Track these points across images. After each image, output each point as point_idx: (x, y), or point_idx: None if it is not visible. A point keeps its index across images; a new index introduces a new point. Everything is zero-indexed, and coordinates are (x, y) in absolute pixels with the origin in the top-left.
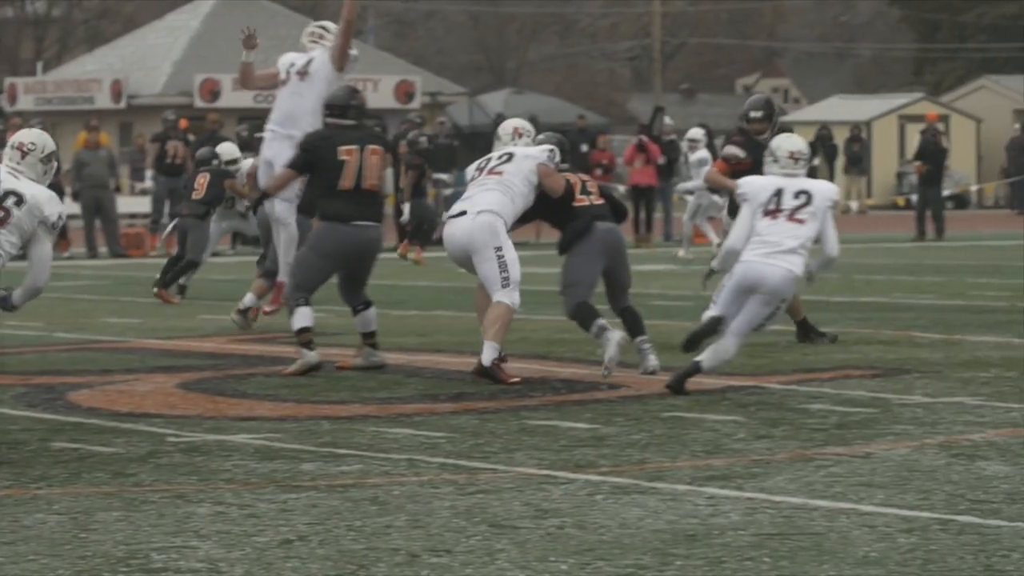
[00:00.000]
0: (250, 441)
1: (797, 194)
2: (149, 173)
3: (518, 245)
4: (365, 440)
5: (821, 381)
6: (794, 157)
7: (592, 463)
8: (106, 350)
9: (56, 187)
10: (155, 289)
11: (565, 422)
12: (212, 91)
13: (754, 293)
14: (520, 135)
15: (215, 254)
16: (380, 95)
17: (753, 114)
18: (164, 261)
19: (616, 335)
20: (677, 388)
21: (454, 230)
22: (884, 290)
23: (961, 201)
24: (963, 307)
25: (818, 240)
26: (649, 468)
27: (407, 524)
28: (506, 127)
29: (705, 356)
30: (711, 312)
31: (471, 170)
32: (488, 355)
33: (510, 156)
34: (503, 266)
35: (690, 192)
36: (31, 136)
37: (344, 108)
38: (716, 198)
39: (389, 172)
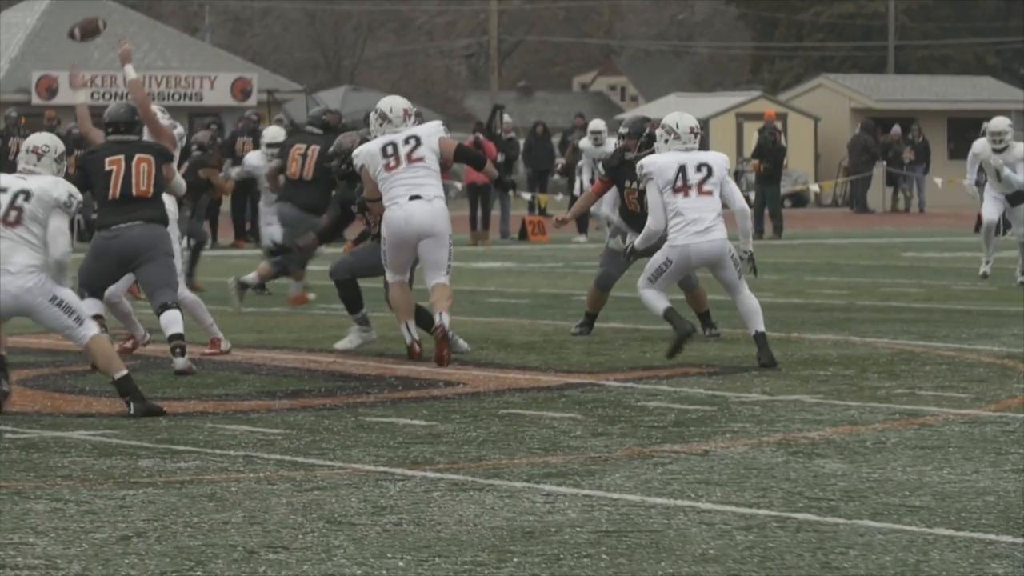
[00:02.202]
0: (88, 438)
1: (699, 167)
2: None
3: None
4: (202, 436)
5: (659, 379)
6: (694, 132)
7: (429, 460)
8: None
9: None
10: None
11: (402, 419)
12: (49, 88)
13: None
14: (410, 115)
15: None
16: (217, 92)
17: (622, 131)
18: None
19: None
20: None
21: (414, 211)
22: (722, 288)
23: (799, 199)
24: (801, 305)
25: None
26: (486, 465)
27: (244, 520)
28: (396, 108)
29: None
30: (650, 294)
31: (374, 155)
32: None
33: (417, 140)
34: (450, 253)
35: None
36: (44, 139)
37: (130, 124)
38: None
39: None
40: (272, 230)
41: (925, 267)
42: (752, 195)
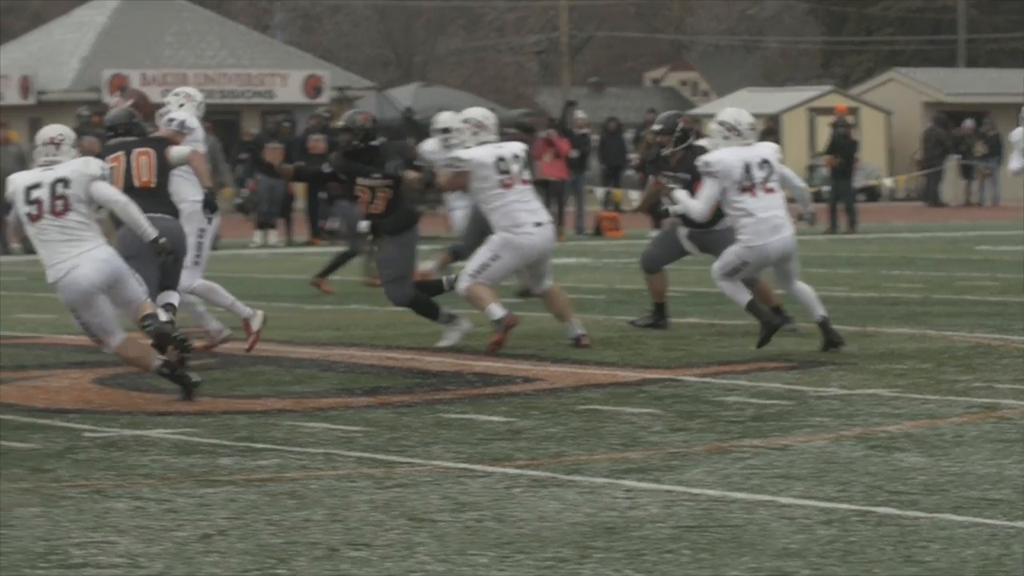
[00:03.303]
0: (167, 436)
1: (760, 164)
2: None
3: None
4: (282, 434)
5: (737, 373)
6: (753, 128)
7: (509, 456)
8: (20, 346)
9: None
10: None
11: (481, 415)
12: (120, 86)
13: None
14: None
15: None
16: (288, 90)
17: (655, 127)
18: None
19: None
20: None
21: (544, 238)
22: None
23: (872, 194)
24: (877, 299)
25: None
26: (566, 461)
27: (326, 518)
28: (490, 118)
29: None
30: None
31: (487, 166)
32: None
33: (520, 158)
34: None
35: None
36: (57, 129)
37: (129, 126)
38: None
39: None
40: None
41: (1000, 260)
42: (826, 189)
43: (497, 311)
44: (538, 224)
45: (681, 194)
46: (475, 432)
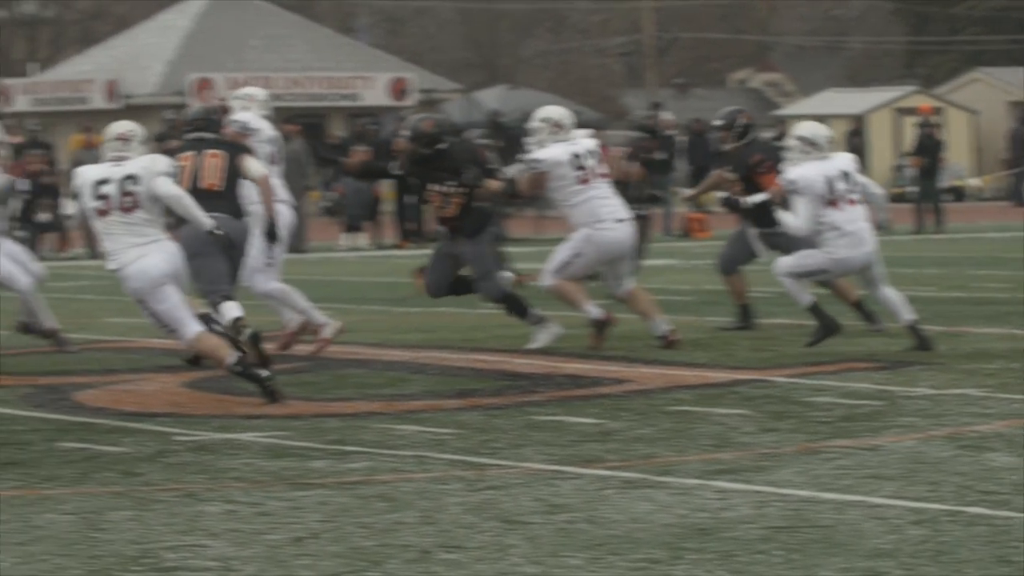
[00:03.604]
0: (258, 439)
1: (841, 176)
2: None
3: (521, 241)
4: (373, 437)
5: (826, 374)
6: (831, 141)
7: (600, 458)
8: (110, 350)
9: (53, 188)
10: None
11: (571, 417)
12: (206, 90)
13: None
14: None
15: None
16: (374, 93)
17: (716, 123)
18: None
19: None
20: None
21: (626, 234)
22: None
23: (958, 193)
24: (965, 299)
25: None
26: (657, 462)
27: (418, 521)
28: (567, 117)
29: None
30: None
31: (563, 164)
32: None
33: (594, 154)
34: None
35: None
36: (127, 125)
37: (207, 123)
38: None
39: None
40: None
41: None
42: (913, 189)
43: (593, 310)
44: (619, 220)
45: (787, 217)
46: (566, 434)
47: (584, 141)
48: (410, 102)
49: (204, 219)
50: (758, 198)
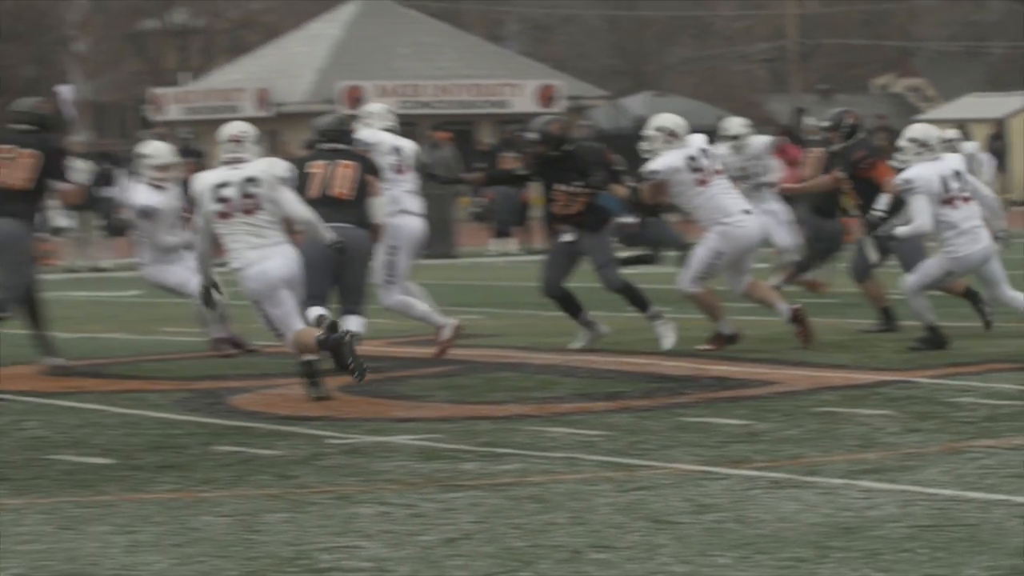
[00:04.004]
0: (410, 442)
1: (954, 176)
2: None
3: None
4: (524, 439)
5: (969, 375)
6: (943, 142)
7: (748, 458)
8: (265, 354)
9: None
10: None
11: (719, 418)
12: (356, 98)
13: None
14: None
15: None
16: (523, 100)
17: (824, 123)
18: None
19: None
20: None
21: (758, 226)
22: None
23: None
24: None
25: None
26: (804, 463)
27: (569, 521)
28: (681, 124)
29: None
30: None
31: (679, 169)
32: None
33: (708, 153)
34: None
35: None
36: (239, 127)
37: (339, 134)
38: None
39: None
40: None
41: None
42: None
43: (784, 308)
44: (746, 212)
45: (902, 230)
46: (714, 435)
47: (696, 141)
48: (557, 109)
49: (326, 233)
50: (880, 205)
